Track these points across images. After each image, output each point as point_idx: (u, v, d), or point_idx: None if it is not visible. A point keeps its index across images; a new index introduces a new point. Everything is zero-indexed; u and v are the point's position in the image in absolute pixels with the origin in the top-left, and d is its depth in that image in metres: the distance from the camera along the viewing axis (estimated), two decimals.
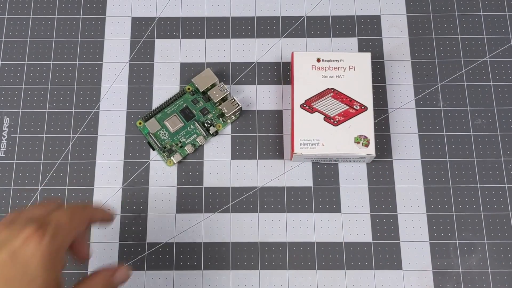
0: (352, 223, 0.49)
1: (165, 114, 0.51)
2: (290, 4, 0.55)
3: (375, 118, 0.51)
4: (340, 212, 0.49)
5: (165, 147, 0.50)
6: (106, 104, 0.52)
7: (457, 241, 0.48)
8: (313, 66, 0.50)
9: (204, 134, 0.51)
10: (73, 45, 0.54)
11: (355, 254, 0.48)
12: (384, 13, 0.55)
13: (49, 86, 0.53)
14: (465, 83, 0.52)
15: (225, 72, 0.53)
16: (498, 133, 0.51)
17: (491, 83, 0.52)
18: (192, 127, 0.51)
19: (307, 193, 0.49)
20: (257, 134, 0.51)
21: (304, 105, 0.49)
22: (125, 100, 0.52)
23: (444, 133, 0.51)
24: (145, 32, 0.54)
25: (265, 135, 0.51)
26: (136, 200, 0.49)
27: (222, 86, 0.50)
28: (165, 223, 0.49)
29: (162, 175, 0.50)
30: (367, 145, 0.48)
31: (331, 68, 0.50)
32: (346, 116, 0.48)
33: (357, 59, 0.50)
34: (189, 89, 0.52)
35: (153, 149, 0.51)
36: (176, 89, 0.53)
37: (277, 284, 0.47)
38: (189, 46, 0.54)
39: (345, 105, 0.49)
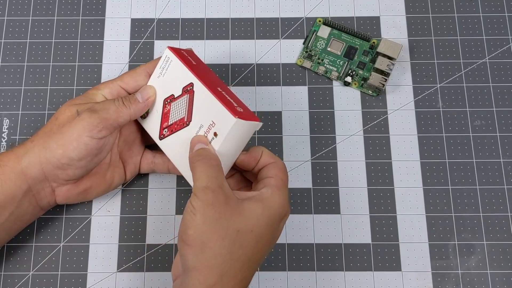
0: (351, 224, 0.49)
1: (340, 36, 0.53)
2: (290, 5, 0.55)
3: (374, 119, 0.51)
4: (340, 213, 0.49)
5: (310, 50, 0.53)
6: None
7: (456, 242, 0.48)
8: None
9: (340, 75, 0.52)
10: (72, 47, 0.54)
11: (354, 256, 0.48)
12: (384, 14, 0.55)
13: (49, 87, 0.53)
14: (464, 84, 0.52)
15: (225, 74, 0.53)
16: (498, 134, 0.51)
17: (491, 84, 0.52)
18: (340, 62, 0.52)
19: (306, 194, 0.49)
20: (256, 135, 0.51)
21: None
22: None
23: (444, 135, 0.51)
24: (145, 33, 0.54)
25: (264, 136, 0.51)
26: (135, 201, 0.49)
27: (392, 64, 0.50)
28: (164, 224, 0.49)
29: (162, 176, 0.50)
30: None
31: None
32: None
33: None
34: (374, 42, 0.53)
35: (305, 40, 0.53)
36: None
37: (276, 285, 0.47)
38: (188, 47, 0.54)
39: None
